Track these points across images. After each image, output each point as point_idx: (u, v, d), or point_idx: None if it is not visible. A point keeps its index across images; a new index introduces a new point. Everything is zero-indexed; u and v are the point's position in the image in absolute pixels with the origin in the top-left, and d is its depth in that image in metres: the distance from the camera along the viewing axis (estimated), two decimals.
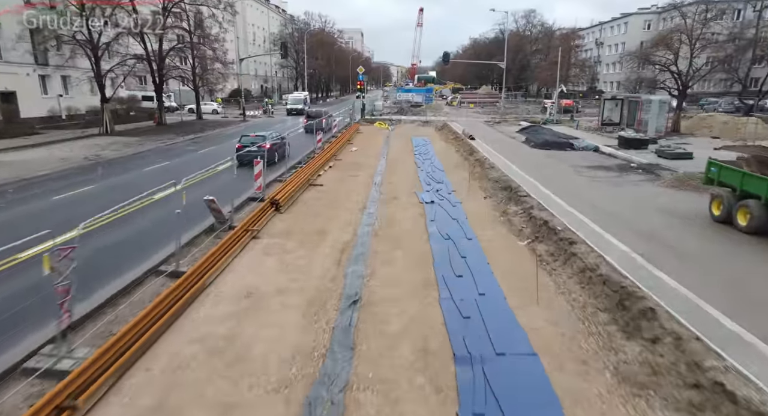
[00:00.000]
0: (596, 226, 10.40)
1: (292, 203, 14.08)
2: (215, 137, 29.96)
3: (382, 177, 18.28)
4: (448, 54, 44.75)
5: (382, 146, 27.46)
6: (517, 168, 17.98)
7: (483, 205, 14.16)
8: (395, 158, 23.02)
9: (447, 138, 30.68)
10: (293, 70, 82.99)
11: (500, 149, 23.67)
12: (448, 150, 25.63)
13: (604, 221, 10.72)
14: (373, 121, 42.00)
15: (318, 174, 18.46)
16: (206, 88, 41.15)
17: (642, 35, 69.01)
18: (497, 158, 20.61)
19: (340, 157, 23.35)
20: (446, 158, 22.95)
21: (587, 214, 11.38)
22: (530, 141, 26.01)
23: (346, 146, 27.12)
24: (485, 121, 43.11)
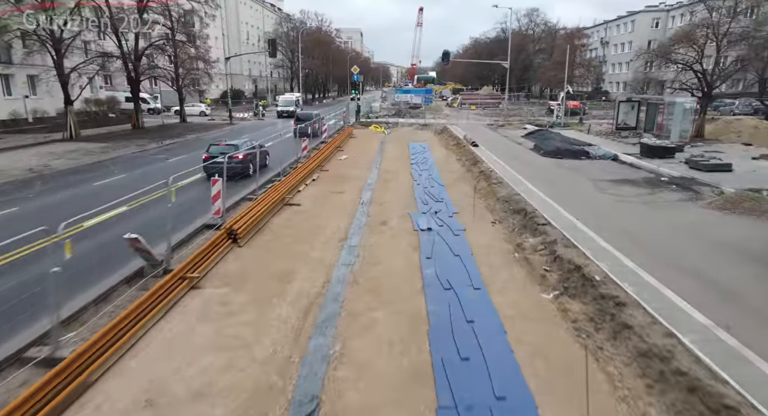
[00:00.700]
0: (647, 275, 7.77)
1: (257, 231, 11.45)
2: (193, 142, 27.32)
3: (372, 194, 15.66)
4: (448, 53, 42.17)
5: (375, 153, 24.84)
6: (528, 183, 15.36)
7: (492, 233, 11.53)
8: (389, 168, 20.40)
9: (447, 144, 28.05)
10: (288, 71, 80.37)
11: (507, 157, 21.06)
12: (448, 158, 23.00)
13: (654, 266, 8.09)
14: (368, 124, 39.40)
15: (297, 190, 15.83)
16: (190, 88, 38.49)
17: (650, 34, 66.47)
18: (504, 169, 17.99)
19: (327, 167, 20.72)
20: (447, 168, 20.33)
21: (629, 253, 8.75)
22: (540, 148, 23.38)
23: (336, 154, 24.50)
24: (487, 124, 40.51)
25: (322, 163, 21.07)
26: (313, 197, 15.16)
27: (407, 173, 19.20)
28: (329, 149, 24.31)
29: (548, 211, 11.80)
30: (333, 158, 23.06)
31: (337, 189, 16.23)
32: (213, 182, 11.38)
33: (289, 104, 45.48)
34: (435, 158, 22.89)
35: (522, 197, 13.32)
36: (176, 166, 17.37)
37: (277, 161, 19.96)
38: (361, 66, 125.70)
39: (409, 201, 14.66)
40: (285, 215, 13.05)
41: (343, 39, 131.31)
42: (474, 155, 21.85)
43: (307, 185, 16.86)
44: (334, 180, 17.85)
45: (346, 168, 20.41)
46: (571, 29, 72.97)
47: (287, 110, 44.13)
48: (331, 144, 26.18)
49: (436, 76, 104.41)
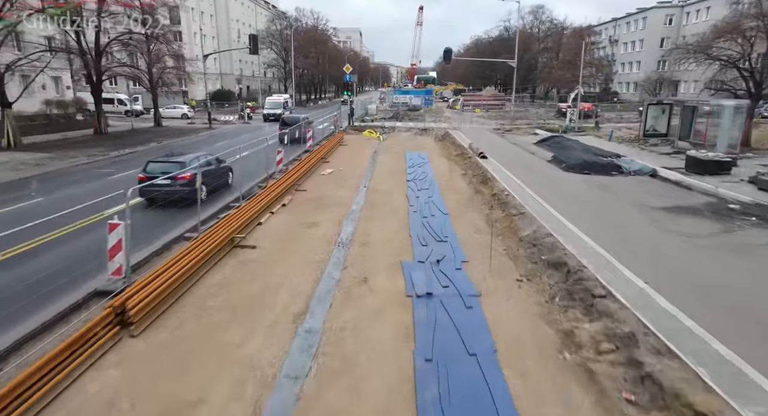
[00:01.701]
0: None
1: (175, 301, 7.78)
2: (156, 151, 23.62)
3: (355, 227, 11.99)
4: (450, 50, 38.53)
5: (366, 166, 21.17)
6: (558, 213, 11.73)
7: (520, 303, 7.86)
8: (381, 187, 16.75)
9: (450, 153, 24.37)
10: (282, 70, 76.71)
11: (522, 172, 17.42)
12: (452, 173, 19.32)
13: None
14: (362, 129, 35.72)
15: (258, 222, 12.17)
16: (164, 89, 34.86)
17: (663, 31, 62.92)
18: (522, 190, 14.34)
19: (306, 185, 17.06)
20: (450, 186, 16.66)
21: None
22: (560, 161, 19.71)
23: (320, 167, 20.84)
24: (493, 128, 36.89)
25: (300, 179, 17.41)
26: (275, 233, 11.48)
27: (402, 194, 15.54)
28: (312, 161, 20.65)
29: (600, 265, 8.14)
30: (315, 173, 19.39)
31: (310, 219, 12.56)
32: (110, 228, 7.70)
33: (276, 107, 42.03)
34: (436, 172, 19.24)
35: (556, 239, 9.65)
36: (119, 184, 13.62)
37: (246, 177, 16.36)
38: (360, 66, 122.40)
39: (402, 240, 11.01)
40: (228, 268, 9.37)
41: (341, 38, 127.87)
42: (482, 169, 18.18)
43: (273, 213, 13.18)
44: (310, 205, 14.18)
45: (328, 187, 16.74)
46: (580, 27, 69.14)
47: (274, 112, 40.66)
48: (315, 154, 22.52)
49: (436, 76, 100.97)
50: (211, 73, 67.22)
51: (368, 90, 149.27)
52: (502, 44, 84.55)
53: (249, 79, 78.06)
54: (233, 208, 13.09)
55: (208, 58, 67.56)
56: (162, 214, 12.05)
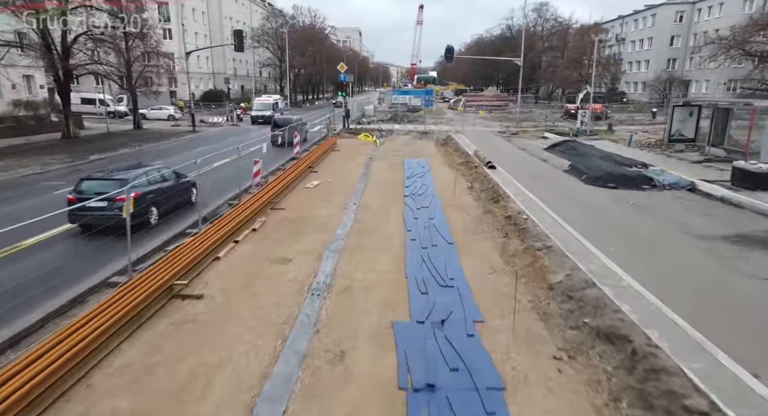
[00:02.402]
0: None
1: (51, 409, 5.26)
2: (124, 158, 21.15)
3: (337, 264, 9.48)
4: (452, 48, 36.07)
5: (358, 176, 18.66)
6: (593, 247, 9.22)
7: (564, 405, 5.34)
8: (373, 204, 14.24)
9: (453, 161, 21.85)
10: (278, 70, 74.17)
11: (538, 186, 14.93)
12: (457, 186, 16.77)
13: None
14: (358, 132, 33.22)
15: (216, 257, 9.66)
16: (144, 89, 32.33)
17: (673, 29, 60.43)
18: (542, 212, 11.83)
19: (285, 203, 14.53)
20: (455, 204, 14.13)
21: None
22: (579, 171, 17.19)
23: (306, 177, 18.34)
24: (498, 131, 34.40)
25: (280, 195, 14.90)
26: (233, 274, 8.96)
27: (398, 214, 13.04)
28: (297, 171, 18.14)
29: (682, 344, 5.62)
30: (299, 186, 16.88)
31: (281, 252, 10.04)
32: None
33: (265, 108, 39.22)
34: (438, 185, 16.74)
35: (602, 292, 7.12)
36: (62, 201, 11.11)
37: (215, 193, 13.93)
38: (359, 66, 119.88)
39: (395, 283, 8.51)
40: (154, 334, 6.85)
41: (339, 37, 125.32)
42: (492, 182, 15.66)
43: (237, 242, 10.67)
44: (286, 230, 11.67)
45: (311, 204, 14.21)
46: (588, 24, 66.54)
47: (263, 114, 38.14)
48: (302, 162, 20.02)
49: (436, 76, 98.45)
50: (203, 72, 64.88)
51: (368, 90, 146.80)
52: (504, 43, 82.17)
53: (243, 79, 75.59)
54: (189, 235, 10.62)
55: (200, 57, 65.50)
56: (93, 246, 9.54)
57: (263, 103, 40.93)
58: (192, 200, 13.32)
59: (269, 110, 38.60)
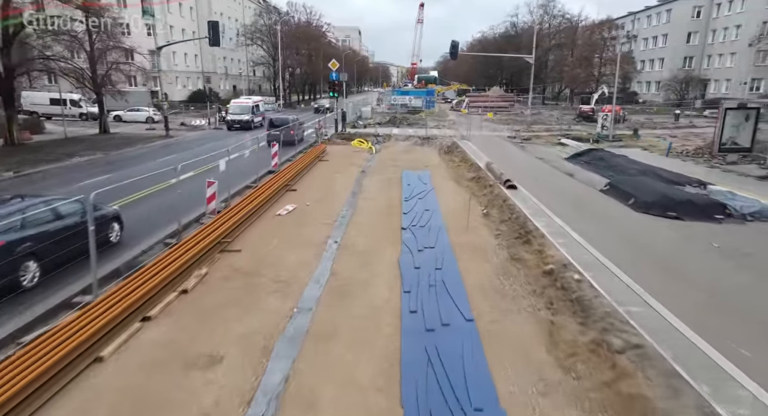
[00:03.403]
0: None
1: None
2: (63, 173, 17.65)
3: (291, 369, 5.94)
4: (457, 44, 32.60)
5: (346, 198, 15.11)
6: (700, 339, 5.70)
7: None
8: (360, 243, 10.70)
9: (461, 176, 18.29)
10: (271, 69, 70.59)
11: (577, 215, 11.39)
12: (469, 213, 13.26)
13: None
14: (352, 137, 29.70)
15: (97, 357, 6.12)
16: (111, 88, 28.81)
17: (690, 25, 56.83)
18: (600, 268, 8.28)
19: (244, 240, 10.94)
20: (470, 243, 10.56)
21: None
22: (624, 193, 13.61)
23: (280, 200, 14.81)
24: (508, 136, 30.84)
25: (241, 226, 11.39)
26: (119, 395, 5.43)
27: (392, 261, 9.52)
28: (271, 189, 14.60)
29: None
30: (269, 212, 13.33)
31: (209, 343, 6.46)
32: None
33: (243, 111, 33.95)
34: (445, 209, 13.23)
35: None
36: None
37: (155, 224, 10.49)
38: (359, 65, 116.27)
39: (384, 413, 5.00)
40: None
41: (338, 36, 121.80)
42: (515, 209, 12.10)
43: (149, 318, 7.10)
44: (230, 292, 8.12)
45: (277, 243, 10.67)
46: (600, 20, 62.80)
47: (240, 119, 33.15)
48: (280, 177, 16.49)
49: (437, 75, 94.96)
50: (191, 71, 61.35)
51: (367, 90, 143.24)
52: (508, 41, 78.67)
53: (235, 78, 72.04)
54: (78, 307, 7.09)
55: (188, 55, 61.98)
56: None
57: (240, 105, 35.23)
58: (111, 240, 9.80)
59: (247, 114, 33.67)
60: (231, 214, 11.68)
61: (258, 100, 39.35)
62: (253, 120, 33.52)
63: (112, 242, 9.82)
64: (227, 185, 14.77)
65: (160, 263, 8.24)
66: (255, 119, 34.03)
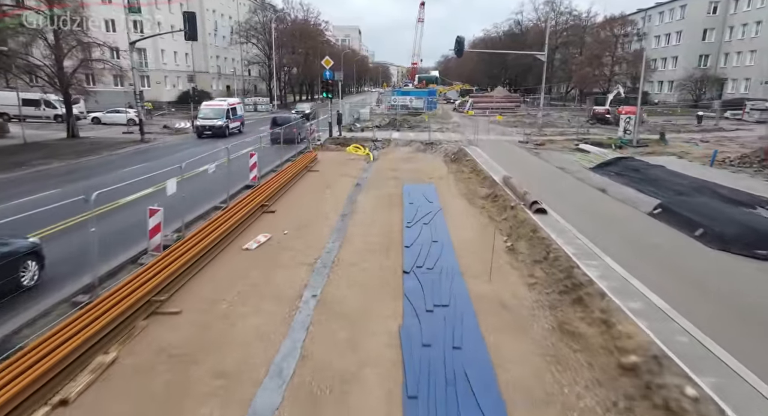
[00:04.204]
0: None
1: None
2: (24, 181, 14.87)
3: None
4: (462, 40, 29.77)
5: (334, 222, 12.25)
6: None
7: None
8: (346, 301, 7.83)
9: (474, 194, 15.39)
10: (266, 68, 67.76)
11: (637, 258, 8.51)
12: (488, 246, 10.39)
13: None
14: (348, 142, 26.89)
15: None
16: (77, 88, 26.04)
17: (705, 22, 53.92)
18: (696, 349, 5.44)
19: (186, 296, 8.10)
20: (497, 302, 7.73)
21: None
22: (684, 219, 10.75)
23: (252, 226, 11.97)
24: (519, 141, 27.98)
25: (193, 267, 8.57)
26: None
27: (391, 332, 6.69)
28: (242, 212, 11.76)
29: None
30: (234, 245, 10.48)
31: None
32: None
33: (216, 116, 28.65)
34: (458, 242, 10.41)
35: None
36: None
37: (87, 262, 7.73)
38: (358, 65, 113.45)
39: None
40: None
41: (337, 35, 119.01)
42: (552, 247, 9.24)
43: None
44: (138, 399, 5.29)
45: (233, 298, 7.81)
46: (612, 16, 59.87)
47: (212, 124, 28.32)
48: (258, 193, 13.63)
49: (438, 75, 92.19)
50: (181, 70, 58.53)
51: (367, 90, 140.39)
52: (512, 39, 76.08)
53: (228, 78, 69.18)
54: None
55: (177, 53, 59.09)
56: None
57: (213, 108, 29.65)
58: (24, 284, 7.04)
59: (221, 119, 28.51)
60: (180, 251, 8.83)
61: (235, 102, 32.98)
62: (228, 126, 28.83)
63: (26, 286, 7.06)
64: (191, 205, 12.00)
65: (33, 354, 5.39)
66: (231, 124, 29.44)
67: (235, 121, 30.33)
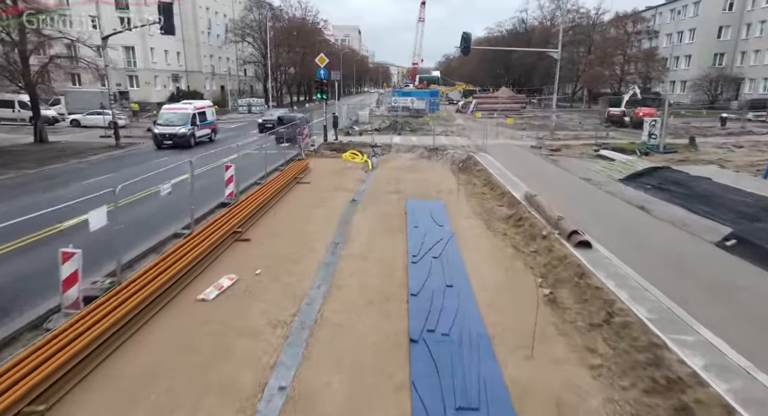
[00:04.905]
0: None
1: None
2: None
3: None
4: (469, 36, 27.34)
5: (322, 256, 9.78)
6: None
7: None
8: (329, 400, 5.39)
9: (491, 213, 12.89)
10: (262, 67, 65.32)
11: (736, 322, 6.04)
12: (523, 294, 7.94)
13: None
14: (344, 147, 24.48)
15: None
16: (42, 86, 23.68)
17: (721, 19, 51.44)
18: None
19: (107, 380, 5.67)
20: (548, 395, 5.29)
21: None
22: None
23: (219, 257, 9.53)
24: (531, 146, 25.53)
25: (125, 328, 6.11)
26: None
27: None
28: (205, 243, 9.29)
29: None
30: (189, 291, 8.02)
31: None
32: None
33: (178, 121, 23.68)
34: (481, 289, 7.96)
35: None
36: None
37: None
38: (358, 65, 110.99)
39: None
40: None
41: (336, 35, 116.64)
42: (612, 301, 6.80)
43: None
44: None
45: (172, 381, 5.36)
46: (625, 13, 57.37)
47: (173, 133, 23.18)
48: (229, 216, 11.16)
49: (440, 75, 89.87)
50: (171, 69, 56.05)
51: (367, 91, 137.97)
52: (516, 38, 73.67)
53: (223, 78, 66.70)
54: None
55: (168, 52, 56.52)
56: None
57: (177, 113, 24.34)
58: None
59: (184, 126, 23.51)
60: (106, 309, 6.40)
61: (204, 105, 27.35)
62: (194, 134, 24.13)
63: None
64: (140, 233, 9.58)
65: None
66: (198, 132, 24.83)
67: (204, 128, 25.84)
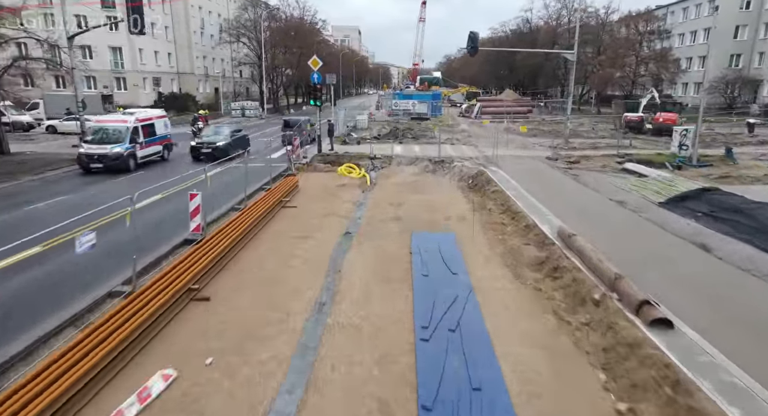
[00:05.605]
0: None
1: None
2: None
3: None
4: (476, 35, 25.01)
5: (302, 325, 7.33)
6: None
7: None
8: None
9: (516, 256, 10.37)
10: (258, 69, 62.90)
11: None
12: (578, 403, 5.51)
13: None
14: (339, 159, 22.07)
15: None
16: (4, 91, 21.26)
17: (738, 18, 48.92)
18: None
19: None
20: None
21: None
22: None
23: (164, 331, 7.08)
24: (546, 157, 23.08)
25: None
26: None
27: None
28: (149, 308, 6.86)
29: None
30: (96, 405, 5.58)
31: None
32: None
33: (112, 139, 18.73)
34: (517, 381, 5.50)
35: None
36: None
37: None
38: (358, 66, 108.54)
39: None
40: None
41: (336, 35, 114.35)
42: None
43: None
44: None
45: None
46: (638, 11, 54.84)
47: (103, 153, 18.14)
48: (187, 264, 8.72)
49: (441, 76, 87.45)
50: (162, 71, 53.60)
51: (367, 92, 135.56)
52: (520, 39, 71.31)
53: (217, 80, 64.26)
54: None
55: (159, 53, 53.99)
56: None
57: (111, 126, 19.43)
58: None
59: (120, 145, 18.49)
60: None
61: (151, 116, 21.34)
62: (134, 154, 19.10)
63: None
64: (58, 295, 7.22)
65: None
66: (141, 151, 19.71)
67: (153, 144, 20.68)
